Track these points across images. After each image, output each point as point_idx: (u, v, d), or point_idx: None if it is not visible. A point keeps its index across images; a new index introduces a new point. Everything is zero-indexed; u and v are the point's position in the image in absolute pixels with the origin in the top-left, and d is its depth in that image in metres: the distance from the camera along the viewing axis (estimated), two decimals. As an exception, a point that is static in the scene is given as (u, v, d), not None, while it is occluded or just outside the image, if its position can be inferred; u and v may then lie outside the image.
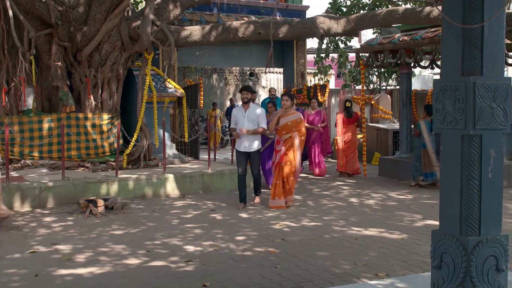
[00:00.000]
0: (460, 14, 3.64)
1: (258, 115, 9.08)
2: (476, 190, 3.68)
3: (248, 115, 9.08)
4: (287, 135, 9.08)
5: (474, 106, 3.60)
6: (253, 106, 9.19)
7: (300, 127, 9.19)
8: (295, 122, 9.14)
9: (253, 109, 9.11)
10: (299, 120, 9.21)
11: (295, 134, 9.08)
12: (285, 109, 9.18)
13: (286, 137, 9.08)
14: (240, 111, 9.17)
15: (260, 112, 9.12)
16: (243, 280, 5.46)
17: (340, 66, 21.55)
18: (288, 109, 9.19)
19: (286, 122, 9.12)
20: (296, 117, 9.19)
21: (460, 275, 3.70)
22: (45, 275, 5.68)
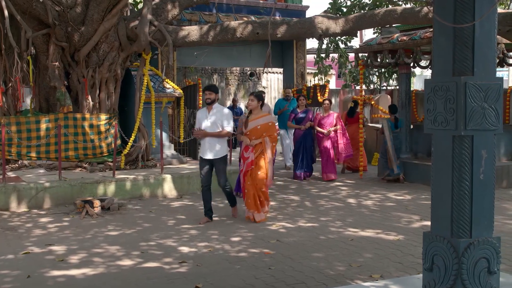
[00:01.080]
0: (451, 14, 3.60)
1: (223, 117, 8.01)
2: (467, 192, 3.64)
3: (212, 117, 8.02)
4: (256, 140, 8.05)
5: (465, 107, 3.56)
6: (218, 107, 8.14)
7: (272, 131, 8.16)
8: (265, 126, 8.11)
9: (217, 110, 8.05)
10: (271, 123, 8.21)
11: (266, 140, 8.04)
12: (253, 110, 8.22)
13: (256, 143, 8.04)
14: (204, 113, 8.13)
15: (225, 114, 8.07)
16: (236, 281, 5.42)
17: (341, 66, 21.52)
18: (256, 110, 8.21)
19: (255, 126, 8.11)
20: (266, 120, 8.18)
21: (451, 277, 3.67)
22: (37, 276, 5.65)
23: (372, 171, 13.37)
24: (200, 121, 8.13)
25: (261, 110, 8.28)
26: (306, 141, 12.30)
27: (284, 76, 18.40)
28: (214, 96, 8.04)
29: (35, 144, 10.67)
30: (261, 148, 8.05)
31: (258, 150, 8.07)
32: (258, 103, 8.18)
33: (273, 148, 8.24)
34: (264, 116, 8.24)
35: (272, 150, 8.23)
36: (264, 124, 8.13)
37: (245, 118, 8.33)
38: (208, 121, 8.01)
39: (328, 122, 12.31)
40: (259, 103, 8.20)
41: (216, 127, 7.98)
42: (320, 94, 15.54)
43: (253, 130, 8.10)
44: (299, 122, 12.32)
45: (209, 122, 8.00)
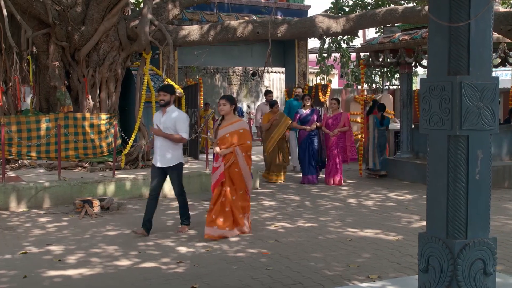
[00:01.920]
0: (447, 12, 3.57)
1: (176, 121, 7.22)
2: (462, 192, 3.60)
3: (165, 121, 7.28)
4: (226, 150, 7.14)
5: (460, 106, 3.53)
6: (172, 110, 7.35)
7: (243, 140, 7.19)
8: (235, 133, 7.18)
9: (171, 114, 7.29)
10: (243, 131, 7.22)
11: (236, 150, 7.12)
12: (225, 116, 7.29)
13: (225, 153, 7.13)
14: (158, 116, 7.43)
15: (179, 118, 7.26)
16: (232, 282, 5.40)
17: (343, 66, 21.48)
18: (228, 116, 7.27)
19: (224, 134, 7.19)
20: (237, 127, 7.20)
21: (447, 278, 3.63)
22: (34, 276, 5.64)
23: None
24: (154, 123, 7.53)
25: (234, 116, 7.38)
26: (312, 143, 11.68)
27: (286, 76, 18.36)
28: (169, 98, 7.30)
29: (35, 143, 10.68)
30: (233, 158, 7.13)
31: (229, 161, 7.12)
32: (230, 108, 7.23)
33: (247, 158, 7.25)
34: (235, 122, 7.27)
35: (247, 160, 7.24)
36: (234, 131, 7.18)
37: (216, 125, 7.39)
38: (161, 125, 7.28)
39: (334, 123, 11.65)
40: (232, 107, 7.25)
41: (168, 132, 7.24)
42: (322, 94, 15.52)
43: (222, 139, 7.21)
44: (304, 123, 11.79)
45: (161, 126, 7.27)
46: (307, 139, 11.75)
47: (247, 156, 7.24)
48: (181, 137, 7.26)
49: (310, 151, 11.70)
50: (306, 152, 11.72)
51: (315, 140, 11.74)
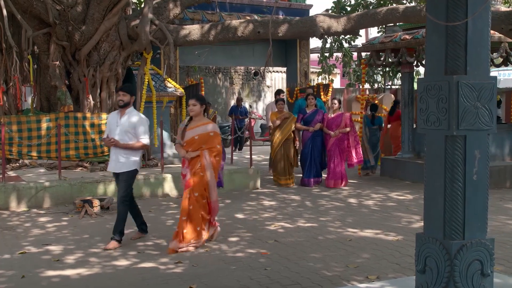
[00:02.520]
0: (444, 12, 3.55)
1: (136, 125, 6.67)
2: (460, 193, 3.58)
3: (123, 124, 6.69)
4: (193, 153, 6.60)
5: (457, 106, 3.51)
6: (132, 112, 6.77)
7: (213, 143, 6.66)
8: (204, 136, 6.65)
9: (130, 116, 6.72)
10: (212, 133, 6.70)
11: (204, 153, 6.58)
12: (194, 117, 6.75)
13: (192, 156, 6.60)
14: (115, 118, 6.83)
15: (139, 122, 6.70)
16: (230, 282, 5.38)
17: (345, 66, 21.45)
18: (198, 117, 6.75)
19: (193, 136, 6.66)
20: (206, 130, 6.68)
21: (444, 279, 3.61)
22: (32, 276, 5.62)
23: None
24: (109, 126, 6.87)
25: (204, 117, 6.91)
26: (315, 145, 11.37)
27: (288, 75, 18.33)
28: (129, 99, 6.72)
29: (36, 143, 10.67)
30: (199, 163, 6.59)
31: (195, 165, 6.61)
32: (201, 108, 6.71)
33: (216, 163, 6.70)
34: (206, 124, 6.74)
35: (215, 165, 6.69)
36: (203, 134, 6.65)
37: (183, 126, 6.86)
38: (118, 128, 6.69)
39: (335, 123, 11.30)
40: (202, 108, 6.75)
41: (126, 136, 6.68)
42: (323, 93, 15.50)
43: (189, 141, 6.67)
44: (307, 123, 11.44)
45: (118, 129, 6.69)
46: (310, 140, 11.41)
47: (215, 161, 6.68)
48: (142, 145, 6.75)
49: (313, 153, 11.37)
50: (309, 154, 11.38)
51: (318, 141, 11.42)
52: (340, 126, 11.27)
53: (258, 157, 16.30)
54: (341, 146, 11.32)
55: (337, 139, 11.27)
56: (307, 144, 11.42)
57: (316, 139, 11.41)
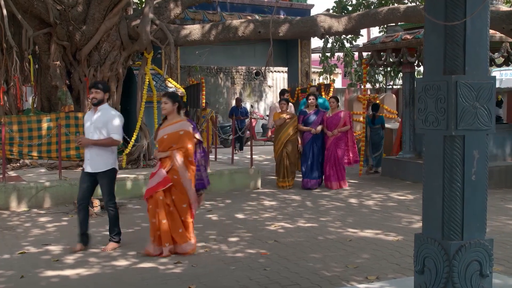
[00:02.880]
0: (442, 11, 3.54)
1: (109, 122, 6.48)
2: (458, 193, 3.57)
3: (97, 120, 6.52)
4: (163, 153, 6.29)
5: (456, 106, 3.50)
6: (105, 109, 6.58)
7: (183, 143, 6.27)
8: (174, 136, 6.30)
9: (103, 113, 6.53)
10: (183, 132, 6.30)
11: (174, 154, 6.22)
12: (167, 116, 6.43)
13: (162, 156, 6.28)
14: (89, 116, 6.71)
15: (111, 118, 6.51)
16: (230, 282, 5.37)
17: (346, 65, 21.43)
18: (171, 115, 6.39)
19: (162, 135, 6.36)
20: (176, 129, 6.31)
21: (442, 280, 3.60)
22: (31, 276, 5.62)
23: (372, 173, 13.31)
24: (84, 123, 6.76)
25: (178, 115, 6.42)
26: (315, 146, 11.01)
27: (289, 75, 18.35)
28: (102, 96, 6.53)
29: (37, 143, 10.65)
30: (170, 163, 6.25)
31: (166, 166, 6.25)
32: (173, 106, 6.33)
33: (188, 164, 6.33)
34: (177, 122, 6.35)
35: (188, 166, 6.33)
36: (173, 133, 6.31)
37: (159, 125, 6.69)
38: (91, 125, 6.56)
39: (334, 122, 11.00)
40: (175, 106, 6.35)
41: (100, 134, 6.51)
42: (324, 93, 15.48)
43: (159, 141, 6.39)
44: (307, 125, 11.06)
45: (92, 126, 6.55)
46: (311, 141, 11.04)
47: (187, 161, 6.30)
48: (112, 140, 6.47)
49: (313, 153, 11.01)
50: (309, 156, 11.01)
51: (319, 143, 11.08)
52: (339, 125, 10.95)
53: (260, 157, 16.27)
54: (341, 146, 11.03)
55: (335, 138, 10.97)
56: (308, 145, 11.05)
57: (317, 141, 11.08)
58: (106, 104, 6.64)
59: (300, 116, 11.27)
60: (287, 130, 11.03)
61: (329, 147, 11.02)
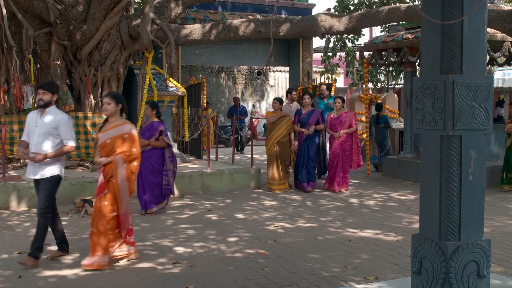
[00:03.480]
0: (439, 10, 3.52)
1: (60, 126, 5.92)
2: (455, 193, 3.55)
3: (43, 124, 5.95)
4: (105, 159, 5.85)
5: (453, 106, 3.48)
6: (53, 112, 6.01)
7: (127, 147, 5.84)
8: (118, 139, 5.85)
9: (51, 116, 5.95)
10: (128, 135, 5.86)
11: (117, 159, 5.78)
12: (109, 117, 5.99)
13: (104, 162, 5.85)
14: (34, 118, 6.06)
15: (62, 123, 5.94)
16: (228, 282, 5.35)
17: (348, 65, 21.39)
18: (113, 118, 5.96)
19: (105, 139, 5.89)
20: (120, 132, 5.87)
21: (439, 281, 3.58)
22: (29, 276, 5.61)
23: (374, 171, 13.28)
24: (28, 127, 6.10)
25: (121, 117, 6.00)
26: (308, 148, 10.60)
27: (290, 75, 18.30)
28: (49, 97, 5.99)
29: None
30: (111, 169, 5.82)
31: (109, 172, 5.83)
32: (116, 107, 5.91)
33: (130, 170, 5.91)
34: (120, 125, 5.91)
35: (129, 174, 5.90)
36: (116, 137, 5.86)
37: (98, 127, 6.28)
38: (37, 128, 5.96)
39: (339, 124, 10.61)
40: (118, 107, 5.93)
41: (46, 138, 5.94)
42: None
43: (102, 145, 5.92)
44: (303, 125, 10.68)
45: (37, 130, 5.95)
46: (304, 142, 10.66)
47: (132, 167, 5.92)
48: (68, 148, 5.98)
49: (306, 156, 10.62)
50: (302, 157, 10.63)
51: (312, 144, 10.65)
52: (345, 126, 10.57)
53: (261, 156, 16.23)
54: (346, 148, 10.59)
55: (341, 141, 10.55)
56: (302, 146, 10.68)
57: (311, 142, 10.66)
58: (53, 106, 6.07)
59: (296, 116, 10.89)
60: (279, 129, 10.65)
61: (334, 149, 10.60)
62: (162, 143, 8.57)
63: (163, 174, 8.66)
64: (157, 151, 8.63)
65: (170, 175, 8.69)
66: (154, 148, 8.60)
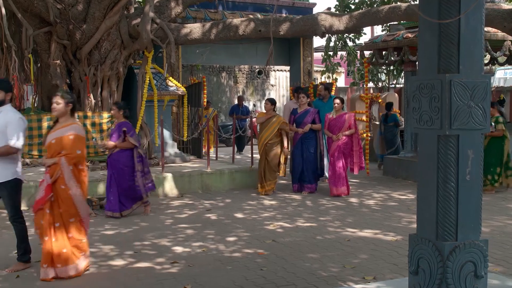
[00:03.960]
0: (436, 9, 3.50)
1: (7, 125, 5.57)
2: (452, 193, 3.53)
3: None
4: (50, 160, 5.54)
5: (450, 105, 3.46)
6: (6, 110, 5.67)
7: (71, 148, 5.48)
8: (62, 140, 5.52)
9: (4, 115, 5.61)
10: (72, 136, 5.51)
11: (61, 161, 5.46)
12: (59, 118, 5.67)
13: (49, 163, 5.53)
14: None
15: (10, 121, 5.58)
16: (225, 282, 5.34)
17: (349, 64, 21.36)
18: (63, 118, 5.65)
19: (51, 140, 5.59)
20: (66, 132, 5.53)
21: (436, 281, 3.57)
22: (27, 276, 5.61)
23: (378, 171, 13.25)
24: None
25: (71, 117, 5.69)
26: (303, 149, 10.29)
27: (291, 74, 18.26)
28: (3, 96, 5.66)
29: (37, 142, 10.66)
30: (58, 172, 5.48)
31: (53, 174, 5.50)
32: (66, 107, 5.61)
33: (78, 172, 5.58)
34: (68, 125, 5.58)
35: (77, 175, 5.57)
36: (60, 137, 5.53)
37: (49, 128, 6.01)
38: None
39: (338, 125, 10.12)
40: (68, 107, 5.62)
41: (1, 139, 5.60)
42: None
43: (47, 146, 5.63)
44: (298, 125, 10.36)
45: None
46: (299, 143, 10.35)
47: (77, 170, 5.57)
48: (8, 148, 5.55)
49: (304, 157, 10.29)
50: (296, 158, 10.35)
51: (309, 144, 10.33)
52: (344, 128, 10.08)
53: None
54: (345, 150, 10.11)
55: (340, 143, 10.06)
56: (297, 147, 10.37)
57: (306, 142, 10.33)
58: (8, 105, 5.75)
59: (291, 116, 10.61)
60: (267, 130, 10.31)
61: (333, 152, 10.11)
62: (128, 144, 8.35)
63: (133, 175, 8.44)
64: (125, 153, 8.41)
65: (139, 175, 8.44)
66: (123, 150, 8.39)
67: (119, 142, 8.39)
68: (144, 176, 8.54)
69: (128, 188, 8.43)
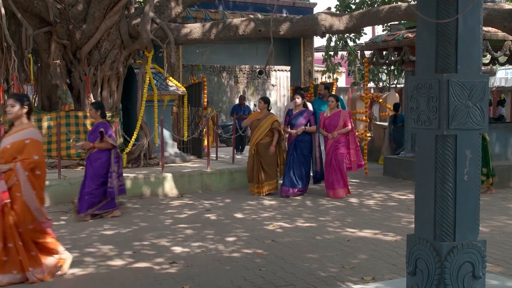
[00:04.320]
0: (434, 9, 3.49)
1: None
2: (450, 193, 3.52)
3: None
4: (5, 166, 5.27)
5: (448, 105, 3.45)
6: None
7: (28, 153, 5.26)
8: (18, 144, 5.28)
9: None
10: (29, 141, 5.28)
11: (17, 167, 5.22)
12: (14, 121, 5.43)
13: (5, 169, 5.26)
14: None
15: None
16: (224, 283, 5.33)
17: (350, 64, 21.35)
18: (18, 121, 5.40)
19: (6, 145, 5.35)
20: (21, 137, 5.30)
21: (434, 282, 3.56)
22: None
23: (379, 171, 13.24)
24: None
25: (28, 121, 5.45)
26: (296, 150, 10.01)
27: (292, 74, 18.25)
28: None
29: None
30: (14, 178, 5.26)
31: (8, 180, 5.26)
32: (21, 110, 5.37)
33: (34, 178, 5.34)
34: (23, 130, 5.35)
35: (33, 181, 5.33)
36: (17, 142, 5.30)
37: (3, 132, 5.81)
38: None
39: (333, 123, 9.95)
40: (23, 109, 5.38)
41: None
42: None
43: (3, 151, 5.35)
44: (293, 126, 10.11)
45: None
46: (293, 145, 10.08)
47: (33, 175, 5.32)
48: None
49: (292, 159, 10.00)
50: (290, 160, 10.01)
51: (303, 146, 10.06)
52: (339, 126, 9.88)
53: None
54: (340, 148, 9.88)
55: (335, 141, 9.88)
56: (290, 149, 10.09)
57: (299, 144, 10.05)
58: None
59: (286, 117, 10.40)
60: (258, 130, 10.14)
61: (328, 151, 9.93)
62: (106, 145, 8.20)
63: (108, 176, 8.24)
64: (104, 154, 8.23)
65: (114, 176, 8.22)
66: (101, 151, 8.23)
67: (97, 142, 8.26)
68: (118, 178, 8.42)
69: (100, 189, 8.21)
